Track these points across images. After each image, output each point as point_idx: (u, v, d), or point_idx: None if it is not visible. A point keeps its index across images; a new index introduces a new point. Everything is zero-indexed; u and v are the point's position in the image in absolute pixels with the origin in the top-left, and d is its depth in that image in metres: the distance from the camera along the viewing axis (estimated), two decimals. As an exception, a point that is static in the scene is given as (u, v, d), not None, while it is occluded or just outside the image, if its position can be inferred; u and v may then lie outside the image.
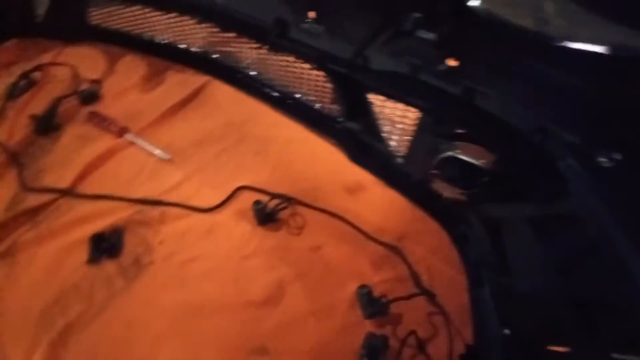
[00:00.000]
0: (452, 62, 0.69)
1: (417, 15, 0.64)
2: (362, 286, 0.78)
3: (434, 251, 0.88)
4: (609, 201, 0.52)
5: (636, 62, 0.56)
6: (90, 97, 1.17)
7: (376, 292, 0.79)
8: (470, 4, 0.55)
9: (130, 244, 0.87)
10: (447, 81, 0.72)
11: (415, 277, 0.83)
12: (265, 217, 0.89)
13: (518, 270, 0.70)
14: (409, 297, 0.77)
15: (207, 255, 0.87)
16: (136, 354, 0.74)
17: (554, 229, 0.64)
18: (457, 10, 0.58)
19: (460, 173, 0.73)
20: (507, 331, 0.68)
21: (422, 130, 0.80)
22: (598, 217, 0.54)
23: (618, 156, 0.53)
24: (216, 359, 0.73)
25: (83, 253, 0.85)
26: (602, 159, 0.55)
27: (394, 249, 0.87)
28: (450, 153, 0.72)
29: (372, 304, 0.76)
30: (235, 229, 0.91)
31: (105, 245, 0.85)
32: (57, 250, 0.86)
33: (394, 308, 0.78)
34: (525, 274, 0.69)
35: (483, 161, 0.69)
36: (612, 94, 0.57)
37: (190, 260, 0.86)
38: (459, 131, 0.72)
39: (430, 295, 0.79)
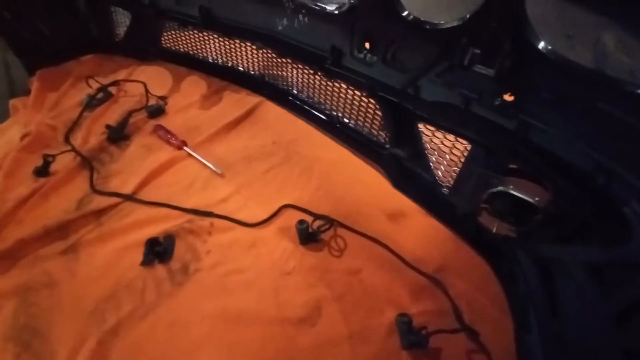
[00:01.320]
0: (508, 97, 0.69)
1: (476, 50, 0.65)
2: (403, 314, 0.77)
3: (476, 287, 0.85)
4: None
5: None
6: (157, 111, 1.28)
7: (415, 323, 0.77)
8: (540, 46, 0.55)
9: (180, 251, 0.93)
10: (501, 115, 0.72)
11: (457, 312, 0.80)
12: (308, 236, 0.92)
13: (570, 316, 0.66)
14: (452, 332, 0.75)
15: (249, 268, 0.90)
16: (176, 355, 0.77)
17: (613, 276, 0.60)
18: (519, 48, 0.59)
19: (511, 209, 0.71)
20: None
21: (471, 162, 0.79)
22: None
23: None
24: (248, 369, 0.75)
25: (138, 255, 0.91)
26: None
27: (434, 281, 0.85)
28: (501, 188, 0.70)
29: (411, 334, 0.74)
30: (278, 245, 0.93)
31: (158, 250, 0.91)
32: (115, 250, 0.93)
33: (432, 342, 0.75)
34: (577, 320, 0.65)
35: (537, 199, 0.67)
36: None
37: (233, 271, 0.89)
38: (512, 166, 0.71)
39: (473, 333, 0.75)
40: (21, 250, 0.92)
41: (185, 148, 1.16)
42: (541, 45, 0.56)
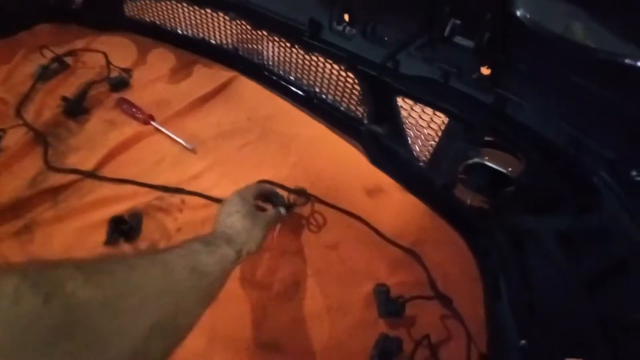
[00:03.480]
0: (485, 71, 0.70)
1: (457, 21, 0.65)
2: (381, 284, 0.78)
3: (451, 259, 0.87)
4: (640, 216, 0.52)
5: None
6: (120, 84, 1.19)
7: (392, 293, 0.78)
8: (519, 14, 0.56)
9: (148, 229, 0.88)
10: (478, 89, 0.73)
11: (432, 282, 0.82)
12: (284, 211, 0.89)
13: (541, 285, 0.70)
14: (427, 298, 0.77)
15: (224, 245, 0.86)
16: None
17: (582, 244, 0.63)
18: (499, 18, 0.59)
19: (486, 181, 0.73)
20: (523, 342, 0.68)
21: (448, 135, 0.80)
22: (629, 233, 0.54)
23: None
24: (226, 348, 0.73)
25: (101, 234, 0.85)
26: (635, 173, 0.55)
27: (411, 253, 0.87)
28: (477, 159, 0.72)
29: (388, 302, 0.75)
30: (254, 221, 0.91)
31: (124, 228, 0.85)
32: (75, 230, 0.86)
33: (408, 310, 0.77)
34: (548, 288, 0.68)
35: (510, 169, 0.69)
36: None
37: (207, 249, 0.86)
38: (488, 138, 0.72)
39: (446, 300, 0.78)
40: (-32, 230, 0.83)
41: (152, 123, 1.09)
42: (520, 12, 0.56)
